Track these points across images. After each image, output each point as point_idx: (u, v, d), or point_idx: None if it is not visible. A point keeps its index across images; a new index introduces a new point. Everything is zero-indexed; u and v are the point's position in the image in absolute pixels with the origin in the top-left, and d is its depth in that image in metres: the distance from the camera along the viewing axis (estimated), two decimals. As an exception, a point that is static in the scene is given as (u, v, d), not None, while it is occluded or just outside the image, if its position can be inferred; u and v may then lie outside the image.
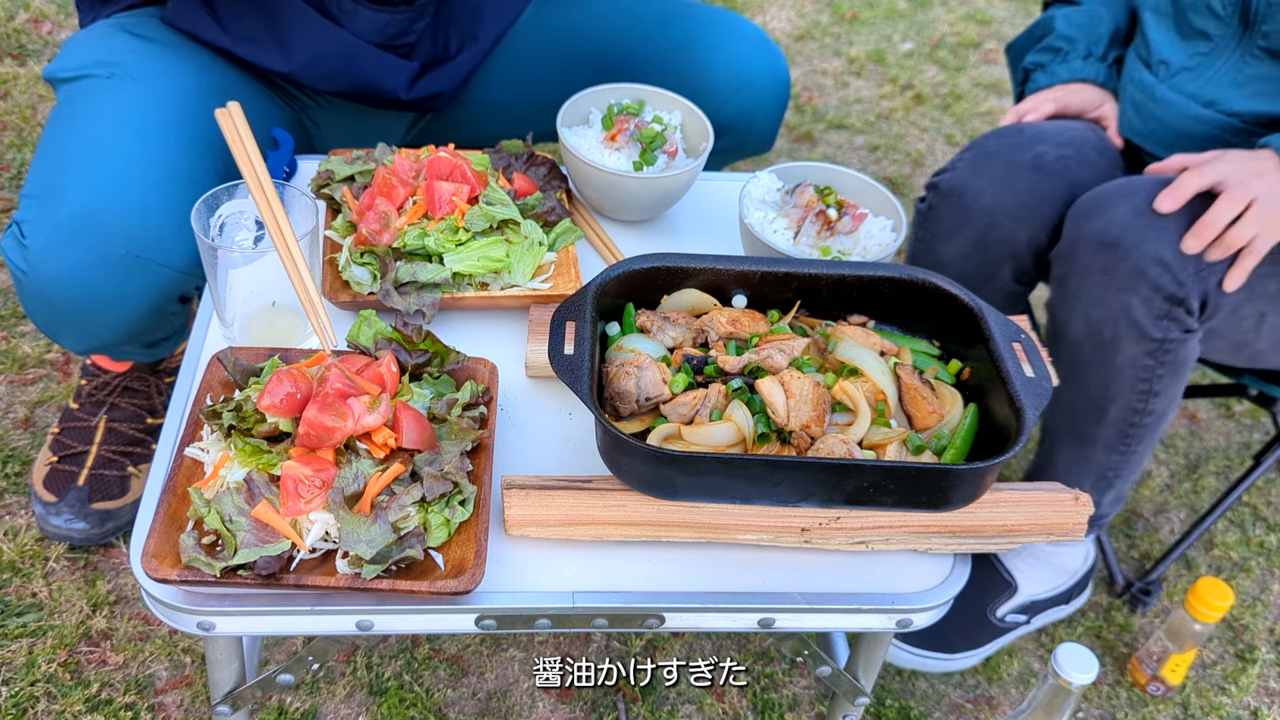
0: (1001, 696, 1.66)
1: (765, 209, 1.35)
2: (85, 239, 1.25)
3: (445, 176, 1.26)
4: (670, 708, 1.57)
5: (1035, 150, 1.53)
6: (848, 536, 1.05)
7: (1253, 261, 1.34)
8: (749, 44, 1.68)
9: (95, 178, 1.27)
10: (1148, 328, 1.38)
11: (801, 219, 1.32)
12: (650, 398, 1.07)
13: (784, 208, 1.35)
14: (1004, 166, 1.52)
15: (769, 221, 1.33)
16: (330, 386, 0.98)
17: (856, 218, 1.32)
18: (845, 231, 1.31)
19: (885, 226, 1.33)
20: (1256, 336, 1.47)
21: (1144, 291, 1.36)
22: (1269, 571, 1.88)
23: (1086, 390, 1.46)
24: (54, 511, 1.62)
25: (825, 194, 1.33)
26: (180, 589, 0.97)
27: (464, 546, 0.99)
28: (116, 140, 1.30)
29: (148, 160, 1.29)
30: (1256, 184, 1.33)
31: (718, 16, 1.70)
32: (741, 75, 1.65)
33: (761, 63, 1.68)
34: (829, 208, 1.31)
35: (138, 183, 1.27)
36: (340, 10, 1.45)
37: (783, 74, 1.70)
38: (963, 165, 1.56)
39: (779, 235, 1.32)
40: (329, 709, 1.52)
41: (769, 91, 1.68)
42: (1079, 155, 1.54)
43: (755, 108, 1.67)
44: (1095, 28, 1.63)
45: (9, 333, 1.94)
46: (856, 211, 1.32)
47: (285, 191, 1.18)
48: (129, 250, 1.26)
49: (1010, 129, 1.59)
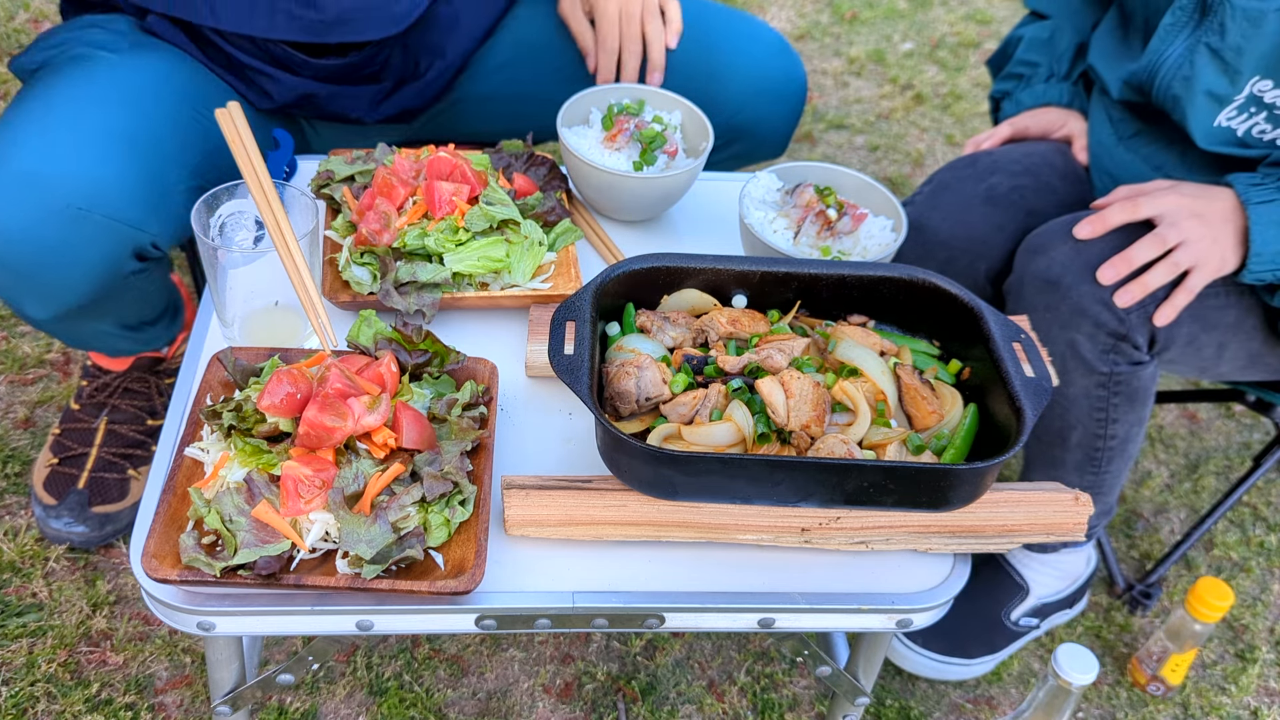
0: (1001, 696, 1.66)
1: (765, 209, 1.35)
2: (29, 193, 1.25)
3: (445, 176, 1.26)
4: (670, 708, 1.57)
5: (989, 182, 1.54)
6: (848, 536, 1.05)
7: (1185, 299, 1.33)
8: (768, 49, 1.67)
9: (40, 136, 1.27)
10: (1094, 362, 1.38)
11: (801, 219, 1.32)
12: (650, 398, 1.07)
13: (784, 208, 1.35)
14: (958, 200, 1.53)
15: (769, 222, 1.33)
16: (330, 386, 0.98)
17: (856, 218, 1.32)
18: (845, 232, 1.31)
19: (885, 226, 1.33)
20: (1219, 362, 1.47)
21: (1087, 328, 1.36)
22: (1269, 571, 1.88)
23: (1047, 419, 1.47)
24: (54, 514, 1.62)
25: (825, 194, 1.33)
26: (180, 589, 0.97)
27: (464, 546, 0.99)
28: (71, 105, 1.31)
29: (98, 122, 1.30)
30: (1190, 225, 1.31)
31: (737, 20, 1.69)
32: (759, 81, 1.64)
33: (779, 69, 1.67)
34: (829, 208, 1.31)
35: (84, 140, 1.28)
36: (292, 63, 1.47)
37: (800, 81, 1.69)
38: (921, 199, 1.57)
39: (779, 235, 1.32)
40: (329, 709, 1.52)
41: (785, 98, 1.67)
42: (1036, 183, 1.54)
43: (771, 114, 1.66)
44: (1056, 45, 1.62)
45: (9, 333, 1.94)
46: (856, 212, 1.32)
47: (285, 191, 1.18)
48: (70, 202, 1.26)
49: (966, 160, 1.59)
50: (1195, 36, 1.33)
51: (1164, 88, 1.38)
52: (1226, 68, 1.32)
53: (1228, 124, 1.35)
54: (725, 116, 1.62)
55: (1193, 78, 1.34)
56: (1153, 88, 1.39)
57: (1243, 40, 1.30)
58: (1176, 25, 1.35)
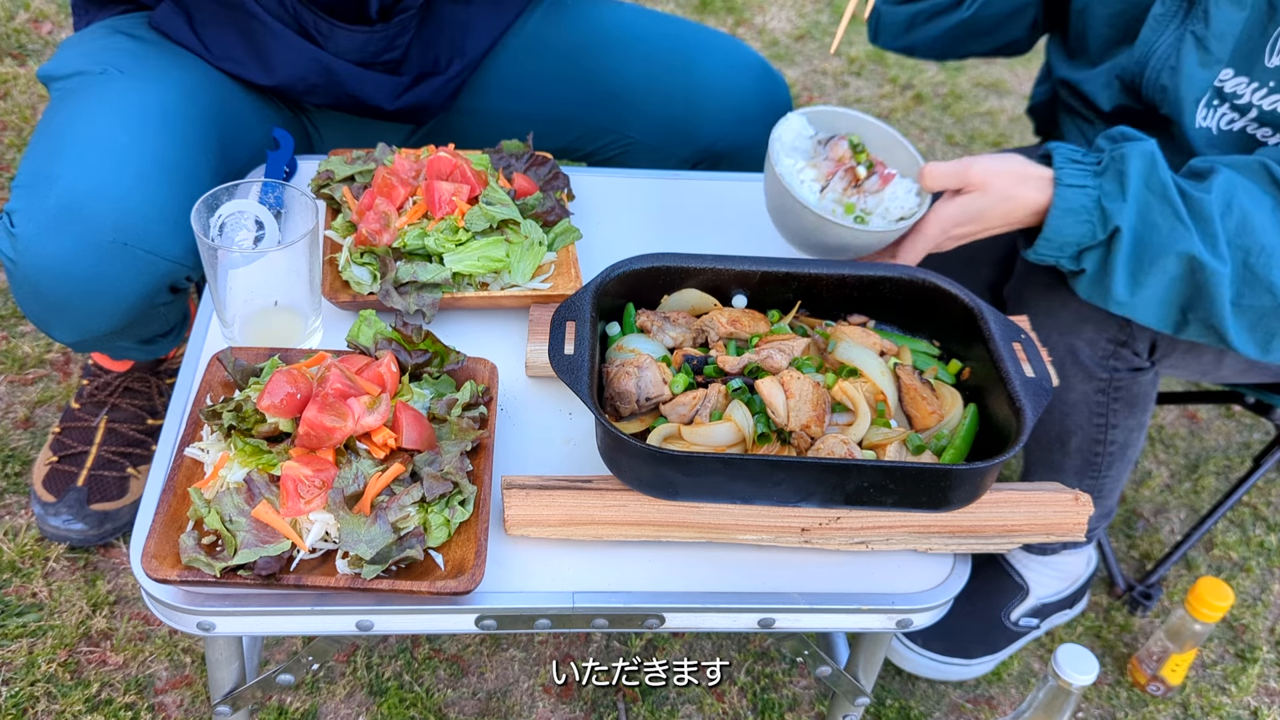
0: (1001, 696, 1.66)
1: (795, 156, 1.31)
2: (72, 226, 1.25)
3: (445, 176, 1.26)
4: (670, 708, 1.57)
5: None
6: (848, 536, 1.05)
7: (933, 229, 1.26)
8: (750, 75, 1.66)
9: (83, 166, 1.27)
10: (1093, 368, 1.38)
11: (832, 173, 1.28)
12: (650, 398, 1.07)
13: (814, 158, 1.31)
14: None
15: (797, 171, 1.29)
16: (330, 386, 0.98)
17: (885, 178, 1.27)
18: (871, 191, 1.27)
19: (911, 190, 1.29)
20: (1219, 367, 1.46)
21: (1087, 334, 1.36)
22: (1269, 571, 1.88)
23: (1047, 423, 1.46)
24: (53, 512, 1.62)
25: (858, 152, 1.29)
26: (180, 589, 0.97)
27: (464, 546, 0.99)
28: (106, 130, 1.30)
29: (136, 150, 1.29)
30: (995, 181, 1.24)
31: (720, 45, 1.68)
32: (741, 108, 1.64)
33: (761, 93, 1.66)
34: (859, 165, 1.27)
35: (126, 171, 1.27)
36: (318, 31, 1.45)
37: (784, 106, 1.68)
38: None
39: (806, 187, 1.27)
40: (329, 709, 1.52)
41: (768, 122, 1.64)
42: None
43: (755, 140, 1.64)
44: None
45: (9, 333, 1.94)
46: (885, 171, 1.28)
47: (285, 191, 1.18)
48: (116, 237, 1.26)
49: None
50: (1184, 26, 1.30)
51: (1153, 79, 1.34)
52: (1207, 57, 1.29)
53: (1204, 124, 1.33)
54: (706, 142, 1.62)
55: (1179, 68, 1.31)
56: (1142, 81, 1.36)
57: (1226, 26, 1.26)
58: (1166, 15, 1.31)
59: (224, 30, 1.45)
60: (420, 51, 1.54)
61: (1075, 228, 1.21)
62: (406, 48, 1.51)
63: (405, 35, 1.50)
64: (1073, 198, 1.20)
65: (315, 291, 1.19)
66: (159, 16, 1.44)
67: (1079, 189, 1.21)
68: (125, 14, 1.49)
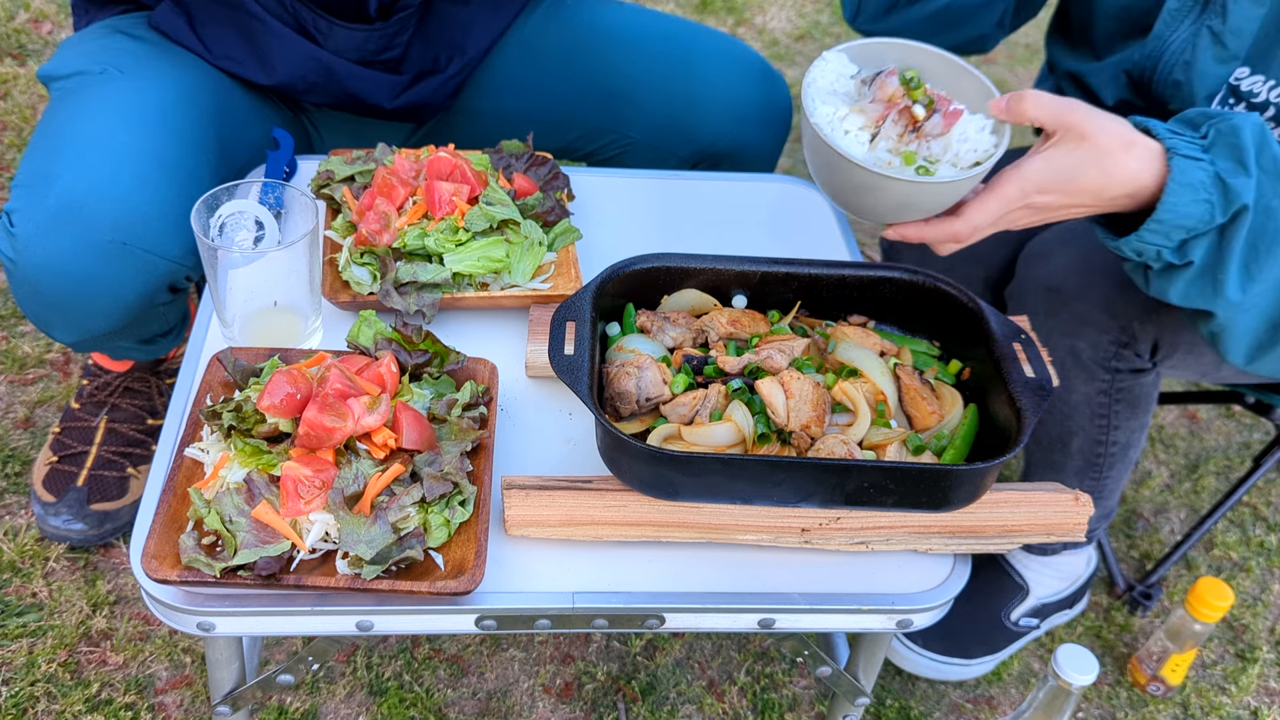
0: (1001, 696, 1.66)
1: (835, 101, 1.09)
2: (72, 225, 1.25)
3: (445, 176, 1.26)
4: (670, 708, 1.57)
5: None
6: (848, 537, 1.05)
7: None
8: (750, 76, 1.66)
9: (82, 165, 1.27)
10: (1096, 369, 1.37)
11: (881, 117, 1.07)
12: (650, 398, 1.07)
13: (859, 101, 1.10)
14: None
15: (840, 119, 1.08)
16: (330, 387, 0.98)
17: (949, 115, 1.06)
18: (934, 134, 1.07)
19: (984, 128, 1.09)
20: (1220, 367, 1.46)
21: (1090, 335, 1.35)
22: (1269, 571, 1.88)
23: (1048, 423, 1.46)
24: (53, 512, 1.62)
25: (912, 88, 1.09)
26: (180, 589, 0.97)
27: (464, 547, 0.99)
28: (106, 130, 1.30)
29: (136, 149, 1.30)
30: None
31: (720, 45, 1.68)
32: (741, 109, 1.64)
33: (762, 96, 1.65)
34: (916, 104, 1.07)
35: (125, 170, 1.28)
36: (317, 30, 1.45)
37: (784, 106, 1.68)
38: None
39: (852, 136, 1.08)
40: (329, 709, 1.52)
41: (768, 123, 1.66)
42: None
43: (755, 139, 1.65)
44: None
45: (9, 333, 1.94)
46: (949, 108, 1.07)
47: (285, 191, 1.18)
48: (115, 237, 1.26)
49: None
50: (1200, 21, 1.25)
51: (1165, 74, 1.28)
52: (1224, 53, 1.24)
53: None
54: (706, 142, 1.62)
55: (1193, 64, 1.25)
56: (1154, 76, 1.30)
57: (1244, 22, 1.21)
58: (1182, 9, 1.26)
59: (224, 30, 1.45)
60: (420, 50, 1.54)
61: (1193, 206, 1.01)
62: (406, 46, 1.52)
63: (405, 33, 1.50)
64: (1191, 171, 1.01)
65: (315, 292, 1.19)
66: (159, 16, 1.45)
67: (1195, 161, 1.02)
68: (125, 14, 1.50)
